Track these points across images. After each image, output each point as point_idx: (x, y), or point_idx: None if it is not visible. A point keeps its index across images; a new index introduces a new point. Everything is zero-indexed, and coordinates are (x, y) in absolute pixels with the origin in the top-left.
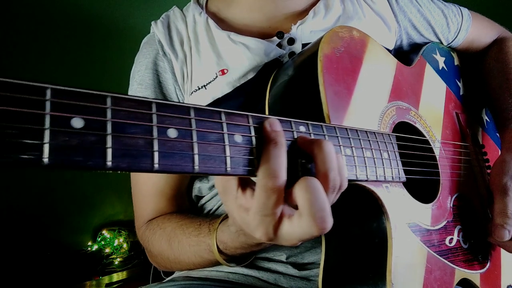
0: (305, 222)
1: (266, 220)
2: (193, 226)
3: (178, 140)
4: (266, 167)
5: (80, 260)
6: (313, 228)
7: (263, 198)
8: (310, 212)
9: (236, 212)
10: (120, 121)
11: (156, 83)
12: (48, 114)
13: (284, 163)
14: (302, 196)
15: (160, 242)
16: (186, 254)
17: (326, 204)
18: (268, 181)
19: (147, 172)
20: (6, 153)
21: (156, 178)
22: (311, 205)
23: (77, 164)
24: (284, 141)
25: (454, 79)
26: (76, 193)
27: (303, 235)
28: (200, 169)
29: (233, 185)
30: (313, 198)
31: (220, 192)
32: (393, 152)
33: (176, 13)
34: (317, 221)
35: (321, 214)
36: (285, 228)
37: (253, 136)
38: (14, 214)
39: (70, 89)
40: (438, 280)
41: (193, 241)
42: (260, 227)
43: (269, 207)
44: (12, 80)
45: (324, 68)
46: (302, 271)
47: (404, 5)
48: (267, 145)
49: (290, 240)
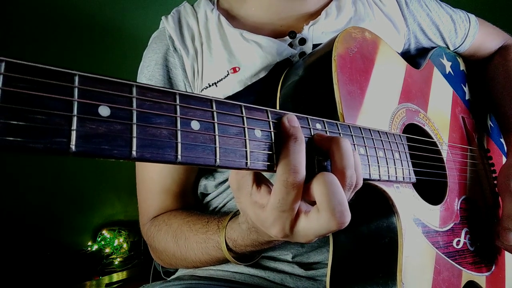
0: (323, 217)
1: (284, 216)
2: (200, 223)
3: (201, 133)
4: (286, 162)
5: (80, 260)
6: (332, 222)
7: (283, 194)
8: (329, 207)
9: (251, 209)
10: (145, 110)
11: (166, 79)
12: (76, 101)
13: (303, 158)
14: (321, 190)
15: (165, 238)
16: (193, 251)
17: (344, 199)
18: (289, 176)
19: (170, 163)
20: (36, 139)
21: (162, 175)
22: (330, 200)
23: (104, 153)
24: (303, 136)
25: (460, 84)
26: (76, 193)
27: (320, 230)
28: (221, 162)
29: (248, 181)
30: (332, 193)
31: (234, 189)
32: (404, 153)
33: (187, 8)
34: (336, 215)
35: (340, 208)
36: (302, 224)
37: (272, 131)
38: (14, 214)
39: (97, 76)
40: (446, 282)
41: (201, 238)
42: (277, 224)
43: (288, 202)
44: (41, 65)
45: (339, 67)
46: (308, 270)
47: (414, 9)
48: (287, 141)
49: (307, 236)
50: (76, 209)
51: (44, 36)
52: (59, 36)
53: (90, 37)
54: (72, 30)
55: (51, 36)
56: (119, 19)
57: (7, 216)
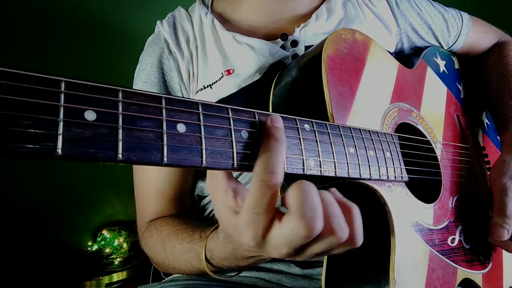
0: (292, 221)
1: (257, 220)
2: (187, 232)
3: (187, 134)
4: (263, 161)
5: (80, 260)
6: (300, 226)
7: (258, 194)
8: (299, 210)
9: (225, 215)
10: (131, 114)
11: (162, 82)
12: (62, 106)
13: (282, 160)
14: (294, 195)
15: (156, 246)
16: (178, 261)
17: (318, 208)
18: (265, 176)
19: (156, 165)
20: (22, 143)
21: (159, 178)
22: (301, 204)
23: (89, 156)
24: (284, 138)
25: (455, 82)
26: (76, 193)
27: (289, 236)
28: (207, 163)
29: (223, 185)
30: (305, 198)
31: (210, 193)
32: (396, 152)
33: (182, 13)
34: (305, 219)
35: (311, 214)
36: (274, 231)
37: (258, 132)
38: (14, 214)
39: (83, 82)
40: (440, 279)
41: (185, 248)
42: (249, 228)
43: (263, 204)
44: (28, 72)
45: (328, 68)
46: (305, 269)
47: (405, 8)
48: (267, 140)
49: (278, 247)
50: (76, 209)
51: (44, 37)
52: (59, 37)
53: (90, 38)
54: (72, 31)
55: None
56: (120, 20)
57: (7, 216)
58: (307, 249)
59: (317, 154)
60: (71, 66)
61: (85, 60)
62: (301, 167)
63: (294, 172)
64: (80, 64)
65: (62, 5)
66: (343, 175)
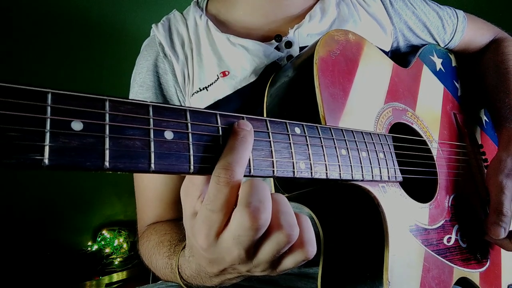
0: (238, 212)
1: (212, 218)
2: (167, 246)
3: (175, 141)
4: (222, 158)
5: (80, 260)
6: (244, 216)
7: (214, 190)
8: (245, 201)
9: (189, 221)
10: (118, 124)
11: (157, 85)
12: (49, 118)
13: (242, 159)
14: (242, 189)
15: (145, 256)
16: (163, 275)
17: (265, 199)
18: (221, 172)
19: (144, 172)
20: (9, 155)
21: (156, 182)
22: (247, 195)
23: (77, 165)
24: (249, 138)
25: (452, 80)
26: (76, 193)
27: (236, 229)
28: (195, 169)
29: (197, 190)
30: (252, 190)
31: (182, 197)
32: (389, 153)
33: (177, 16)
34: (250, 209)
35: (257, 204)
36: (225, 230)
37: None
38: (14, 214)
39: (70, 93)
40: (436, 279)
41: (164, 263)
42: (203, 227)
43: (218, 201)
44: (14, 86)
45: (320, 70)
46: (301, 268)
47: (399, 7)
48: (231, 139)
49: (228, 248)
50: (76, 209)
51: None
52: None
53: (89, 38)
54: (72, 31)
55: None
56: (119, 21)
57: (7, 216)
58: (259, 251)
59: (308, 157)
60: (70, 66)
61: (84, 60)
62: (291, 169)
63: (285, 175)
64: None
65: (61, 5)
66: (335, 177)
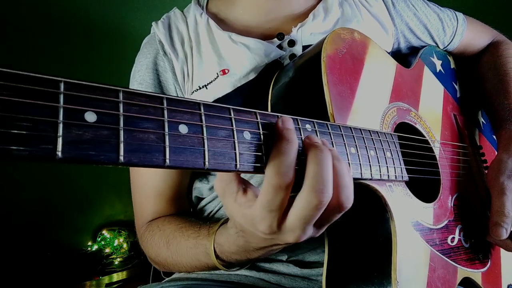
0: (304, 194)
1: (271, 215)
2: (192, 229)
3: (189, 135)
4: (276, 164)
5: (80, 260)
6: (311, 196)
7: (271, 195)
8: (311, 183)
9: (238, 211)
10: (132, 115)
11: (157, 83)
12: (62, 107)
13: (293, 161)
14: (309, 169)
15: (158, 244)
16: (183, 257)
17: (328, 178)
18: (278, 178)
19: (159, 167)
20: (20, 146)
21: (155, 179)
22: (313, 176)
23: (91, 159)
24: (296, 139)
25: (451, 82)
26: (76, 193)
27: (303, 211)
28: (210, 165)
29: (233, 187)
30: (319, 170)
31: (219, 195)
32: (396, 152)
33: (177, 14)
34: (317, 191)
35: (321, 186)
36: (289, 219)
37: (261, 132)
38: (14, 214)
39: (83, 83)
40: (441, 279)
41: (192, 244)
42: (265, 221)
43: (276, 203)
44: (26, 73)
45: (328, 68)
46: (304, 269)
47: (401, 8)
48: (279, 142)
49: (293, 231)
50: (76, 209)
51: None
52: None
53: (89, 38)
54: (71, 31)
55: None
56: (119, 20)
57: (7, 216)
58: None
59: None
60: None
61: (84, 60)
62: None
63: None
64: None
65: (61, 5)
66: None
